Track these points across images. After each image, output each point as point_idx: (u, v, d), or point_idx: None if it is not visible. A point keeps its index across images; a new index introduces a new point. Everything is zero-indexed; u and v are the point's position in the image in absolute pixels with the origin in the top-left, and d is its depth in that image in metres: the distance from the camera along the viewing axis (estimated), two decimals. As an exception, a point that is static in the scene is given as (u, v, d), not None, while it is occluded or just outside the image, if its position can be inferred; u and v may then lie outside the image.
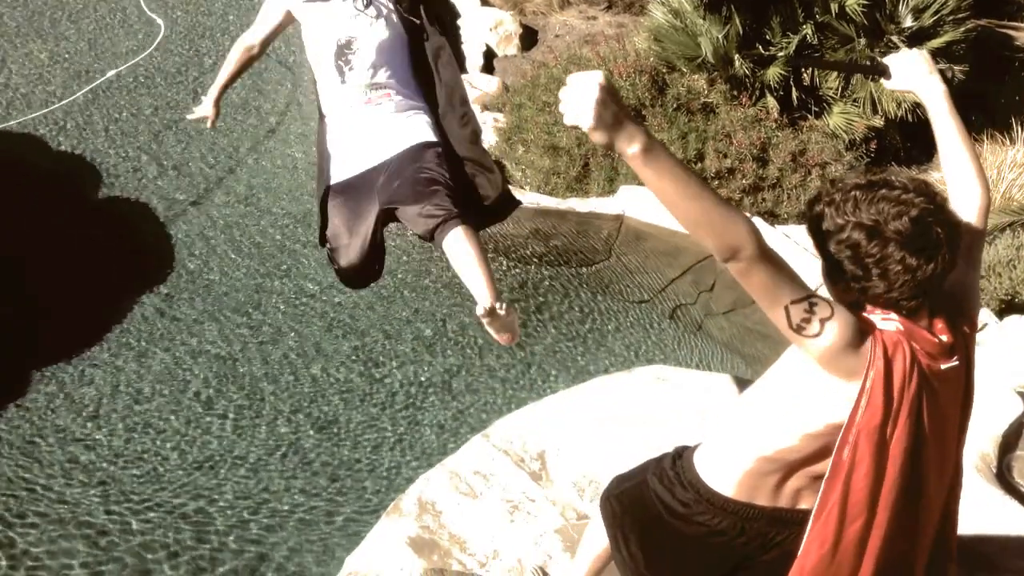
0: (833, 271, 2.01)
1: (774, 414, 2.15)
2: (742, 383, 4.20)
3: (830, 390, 2.01)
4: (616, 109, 1.72)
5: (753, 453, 2.21)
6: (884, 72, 2.38)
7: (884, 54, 7.17)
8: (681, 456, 2.45)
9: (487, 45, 8.95)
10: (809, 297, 1.90)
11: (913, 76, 2.33)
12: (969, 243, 2.16)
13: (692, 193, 1.80)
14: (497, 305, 3.04)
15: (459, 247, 3.06)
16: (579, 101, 1.71)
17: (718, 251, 1.84)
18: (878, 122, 7.21)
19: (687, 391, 4.27)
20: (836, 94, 7.34)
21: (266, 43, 3.63)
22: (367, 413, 5.21)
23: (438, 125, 3.42)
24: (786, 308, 1.88)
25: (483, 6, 9.42)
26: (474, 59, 8.80)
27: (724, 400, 4.10)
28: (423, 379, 5.41)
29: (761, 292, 1.89)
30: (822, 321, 1.90)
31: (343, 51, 3.31)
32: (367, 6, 3.34)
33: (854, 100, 7.31)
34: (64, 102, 7.43)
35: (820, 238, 2.02)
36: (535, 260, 6.29)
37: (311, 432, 5.10)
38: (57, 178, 6.89)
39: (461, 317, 5.80)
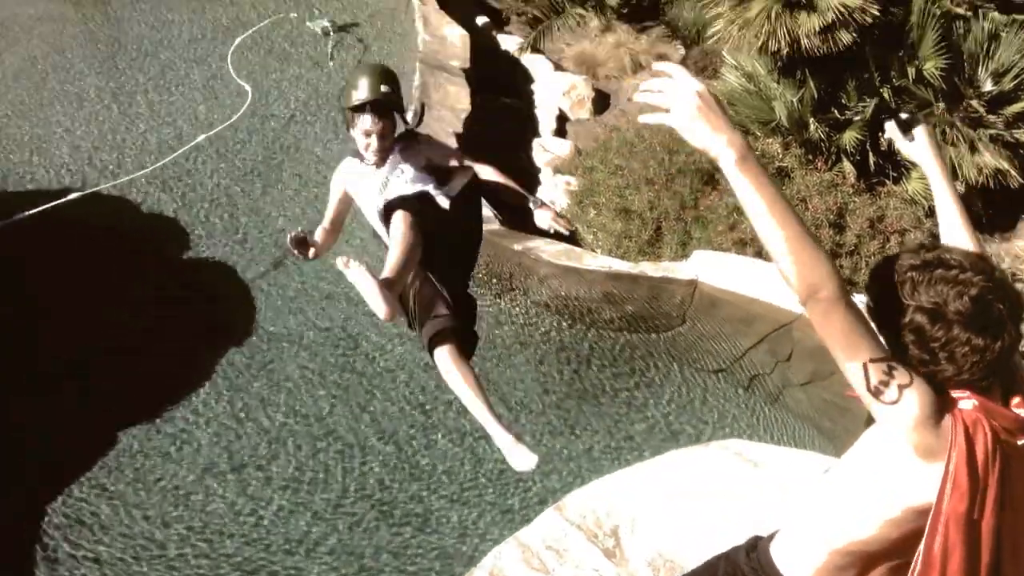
0: (898, 354, 1.94)
1: (850, 502, 2.08)
2: (824, 460, 4.12)
3: (908, 472, 1.94)
4: (718, 111, 1.76)
5: (825, 546, 2.14)
6: (908, 133, 2.45)
7: (965, 119, 7.13)
8: (756, 548, 2.39)
9: (560, 109, 9.09)
10: (890, 359, 1.84)
11: (922, 152, 2.41)
12: None
13: (782, 212, 1.78)
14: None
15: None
16: (680, 97, 1.76)
17: (799, 283, 1.79)
18: (958, 188, 7.08)
19: (765, 466, 4.21)
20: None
21: (336, 221, 3.95)
22: (440, 483, 5.23)
23: None
24: (865, 366, 1.83)
25: (557, 71, 9.58)
26: (547, 123, 8.94)
27: (805, 481, 4.02)
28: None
29: (840, 340, 1.82)
30: (900, 388, 1.83)
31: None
32: (392, 172, 3.62)
33: (933, 165, 7.20)
34: (154, 166, 7.74)
35: (883, 323, 1.97)
36: (606, 325, 6.29)
37: (385, 502, 5.14)
38: (145, 240, 7.15)
39: (534, 389, 5.83)
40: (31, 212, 6.98)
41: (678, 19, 9.87)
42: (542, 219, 3.73)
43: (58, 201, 7.12)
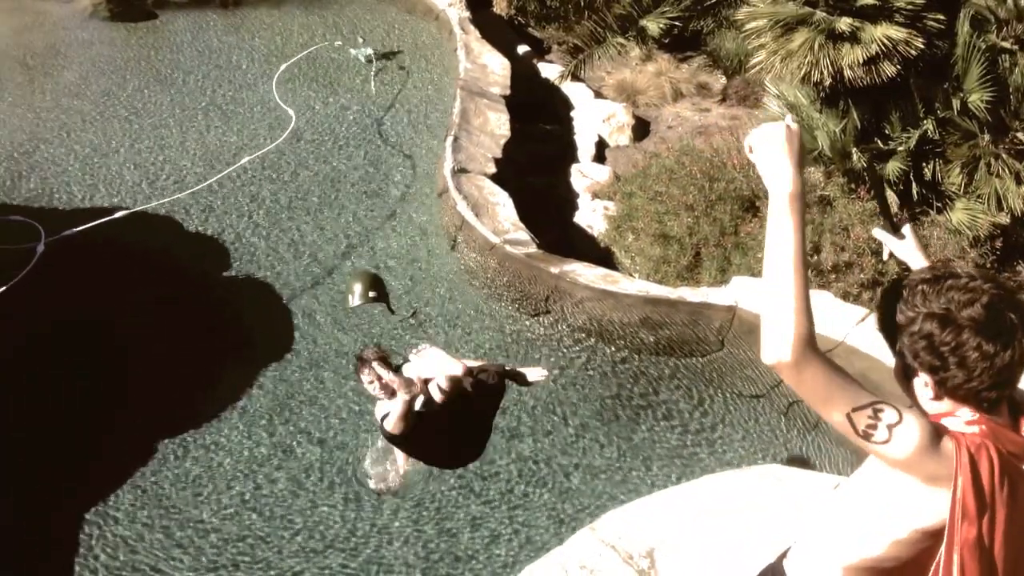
0: (908, 368, 1.98)
1: (860, 521, 2.08)
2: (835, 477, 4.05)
3: (914, 496, 1.95)
4: (797, 148, 1.87)
5: (838, 563, 2.14)
6: (897, 232, 2.53)
7: (1011, 151, 7.05)
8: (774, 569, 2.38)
9: (599, 135, 9.13)
10: (874, 404, 1.85)
11: (910, 251, 2.50)
12: None
13: (802, 259, 1.83)
14: None
15: None
16: (769, 133, 1.89)
17: (794, 331, 1.81)
18: (1003, 219, 6.99)
19: (803, 494, 4.14)
20: (959, 189, 7.16)
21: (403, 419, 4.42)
22: (477, 502, 5.22)
23: None
24: (848, 416, 1.85)
25: (597, 98, 9.63)
26: (586, 149, 8.97)
27: (816, 497, 3.96)
28: (532, 468, 5.40)
29: (821, 393, 1.86)
30: (889, 427, 1.85)
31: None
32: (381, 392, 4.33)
33: (978, 196, 7.11)
34: (199, 186, 7.88)
35: (892, 335, 2.00)
36: (644, 349, 6.25)
37: (422, 517, 5.14)
38: (188, 257, 7.27)
39: (570, 410, 5.80)
40: (79, 228, 7.14)
41: (719, 49, 9.90)
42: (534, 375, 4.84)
43: (105, 218, 7.27)
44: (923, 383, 1.98)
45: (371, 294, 4.65)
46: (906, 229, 2.55)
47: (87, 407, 5.79)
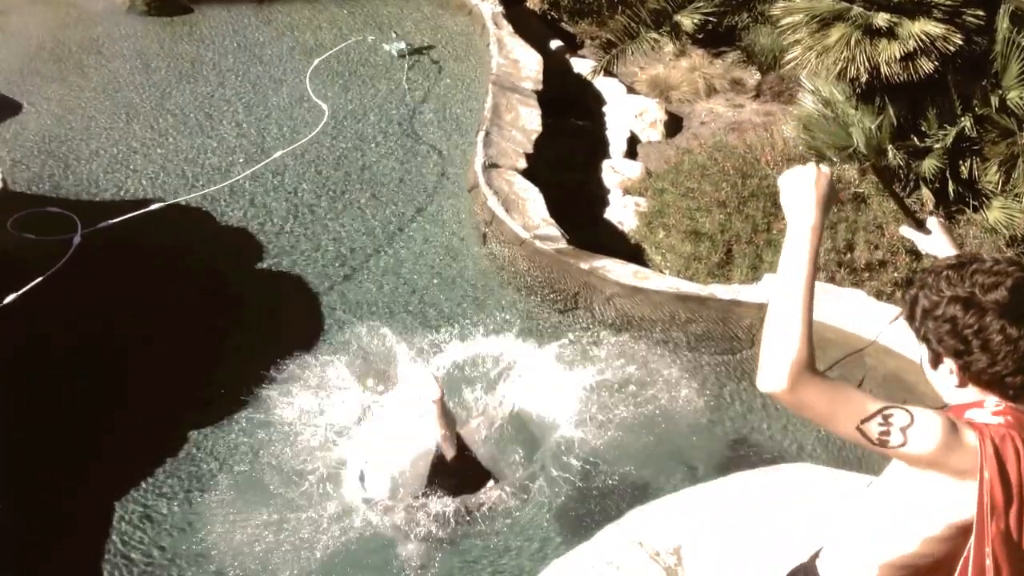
0: (935, 356, 1.98)
1: (893, 519, 2.07)
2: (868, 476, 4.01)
3: (944, 491, 1.94)
4: (827, 192, 1.94)
5: (874, 561, 2.13)
6: (922, 228, 2.49)
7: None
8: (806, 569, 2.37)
9: (631, 131, 9.09)
10: (881, 410, 1.86)
11: (939, 245, 2.47)
12: None
13: (811, 288, 1.87)
14: None
15: None
16: (800, 174, 1.96)
17: (796, 355, 1.83)
18: (1043, 218, 6.87)
19: (832, 490, 4.10)
20: (996, 188, 7.05)
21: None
22: (500, 497, 5.23)
23: None
24: (858, 429, 1.85)
25: (629, 94, 9.59)
26: (618, 144, 8.94)
27: (848, 495, 3.91)
28: (560, 464, 5.40)
29: (826, 410, 1.86)
30: (902, 430, 1.85)
31: None
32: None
33: (1015, 195, 7.00)
34: (233, 179, 7.96)
35: (917, 322, 2.00)
36: (674, 346, 6.22)
37: (445, 511, 5.16)
38: (222, 250, 7.34)
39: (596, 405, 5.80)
40: (115, 220, 7.23)
41: (754, 45, 9.82)
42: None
43: (141, 211, 7.36)
44: (948, 370, 1.99)
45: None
46: (931, 223, 2.52)
47: (106, 401, 5.85)
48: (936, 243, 2.50)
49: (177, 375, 6.02)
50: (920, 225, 2.51)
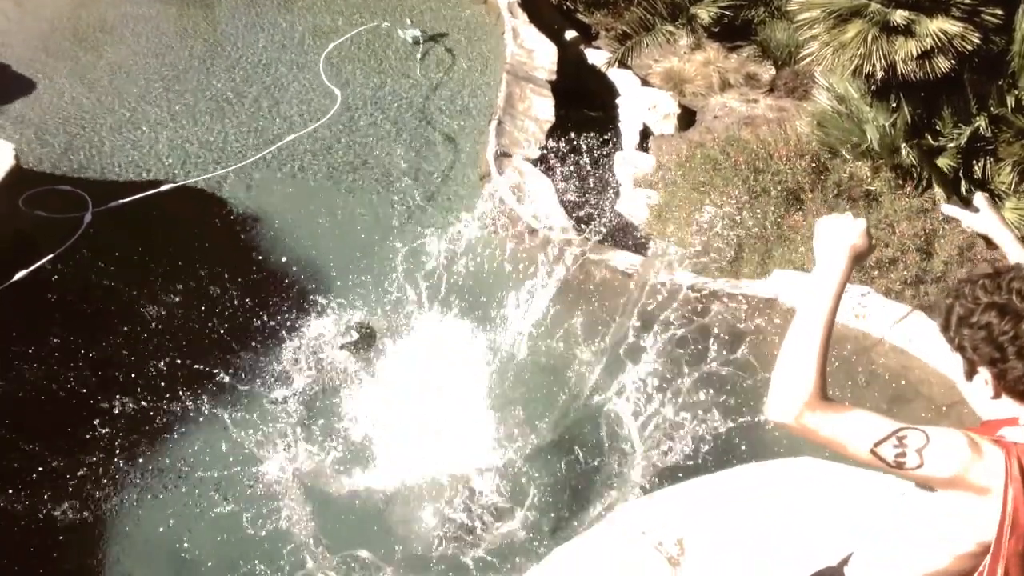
0: (970, 366, 1.97)
1: (926, 533, 2.04)
2: (899, 484, 3.99)
3: (972, 508, 1.91)
4: (865, 250, 2.01)
5: (904, 574, 2.10)
6: (969, 206, 2.52)
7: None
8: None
9: (644, 124, 9.07)
10: (895, 432, 1.85)
11: (988, 222, 2.49)
12: None
13: (831, 324, 1.91)
14: None
15: None
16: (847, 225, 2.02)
17: (811, 386, 1.86)
18: (1058, 217, 6.84)
19: (835, 486, 4.09)
20: (1010, 188, 7.02)
21: None
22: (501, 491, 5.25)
23: None
24: (872, 452, 1.85)
25: (643, 86, 9.56)
26: (630, 137, 8.92)
27: (881, 504, 3.91)
28: (562, 454, 5.41)
29: (840, 437, 1.87)
30: (919, 451, 1.84)
31: None
32: None
33: (1029, 196, 6.98)
34: (244, 162, 7.97)
35: (952, 331, 1.99)
36: (683, 340, 6.20)
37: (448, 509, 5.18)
38: (229, 233, 7.35)
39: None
40: (124, 200, 7.26)
41: (770, 39, 9.76)
42: None
43: (151, 191, 7.38)
44: (983, 380, 1.96)
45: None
46: (978, 199, 2.50)
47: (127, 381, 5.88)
48: (984, 221, 2.47)
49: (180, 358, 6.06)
50: (967, 203, 2.49)
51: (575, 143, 8.31)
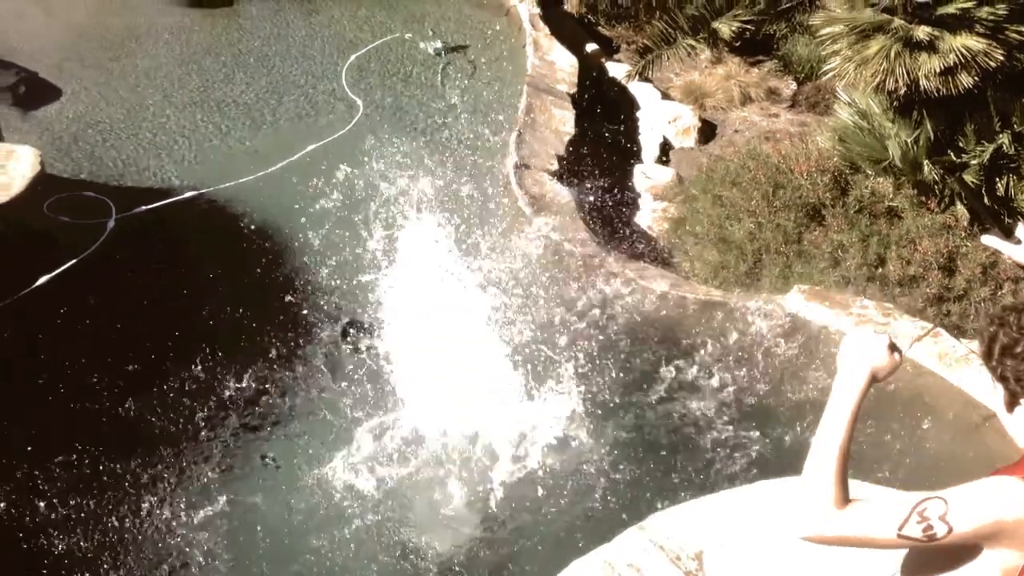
0: (1011, 396, 1.95)
1: (964, 553, 2.00)
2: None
3: (1010, 536, 1.89)
4: (887, 373, 2.06)
5: None
6: (1011, 237, 2.53)
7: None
8: None
9: (664, 137, 9.08)
10: (914, 508, 1.86)
11: None
12: None
13: (853, 428, 1.95)
14: None
15: None
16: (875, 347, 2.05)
17: (835, 491, 1.90)
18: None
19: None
20: (1033, 207, 6.98)
21: None
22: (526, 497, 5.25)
23: None
24: (900, 536, 1.86)
25: (663, 99, 9.58)
26: (650, 150, 8.94)
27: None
28: (583, 466, 5.40)
29: (857, 544, 1.90)
30: (942, 519, 1.84)
31: None
32: None
33: (1052, 214, 6.93)
34: (267, 170, 8.02)
35: (995, 360, 1.97)
36: (699, 354, 6.20)
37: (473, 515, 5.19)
38: (252, 241, 7.39)
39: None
40: (149, 207, 7.33)
41: (791, 54, 9.77)
42: None
43: (173, 199, 7.45)
44: None
45: None
46: (1021, 231, 2.50)
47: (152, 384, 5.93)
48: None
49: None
50: (1008, 233, 2.49)
51: (595, 155, 8.35)
